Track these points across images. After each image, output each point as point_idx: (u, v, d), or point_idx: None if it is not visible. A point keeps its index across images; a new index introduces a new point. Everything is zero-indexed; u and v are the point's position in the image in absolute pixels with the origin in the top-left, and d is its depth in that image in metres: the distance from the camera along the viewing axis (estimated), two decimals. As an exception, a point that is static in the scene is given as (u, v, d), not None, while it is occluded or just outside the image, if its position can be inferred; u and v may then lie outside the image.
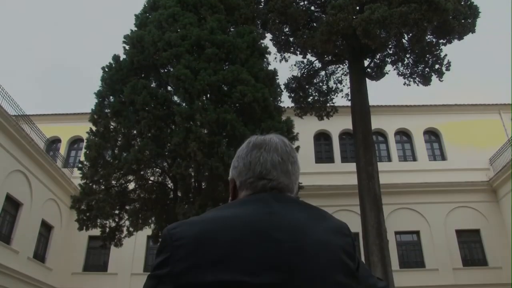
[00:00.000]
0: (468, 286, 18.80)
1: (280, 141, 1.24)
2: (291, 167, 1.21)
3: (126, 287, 19.61)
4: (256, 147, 1.21)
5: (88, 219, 13.04)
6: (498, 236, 19.83)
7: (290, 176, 1.21)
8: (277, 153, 1.20)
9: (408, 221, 20.40)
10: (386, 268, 13.47)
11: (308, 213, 1.14)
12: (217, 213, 1.10)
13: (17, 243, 16.48)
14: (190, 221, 1.11)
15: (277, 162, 1.19)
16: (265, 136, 1.25)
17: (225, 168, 12.17)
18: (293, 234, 1.06)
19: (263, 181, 1.17)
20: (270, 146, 1.21)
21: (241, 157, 1.23)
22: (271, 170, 1.18)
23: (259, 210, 1.09)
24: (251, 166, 1.19)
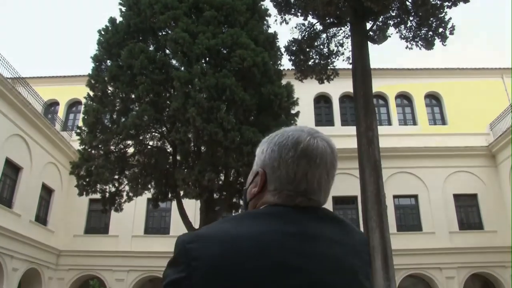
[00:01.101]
0: (463, 249, 19.13)
1: (330, 151, 1.09)
2: (331, 185, 1.11)
3: (127, 248, 19.97)
4: (306, 156, 1.06)
5: (88, 184, 13.08)
6: (494, 201, 20.04)
7: (328, 193, 1.12)
8: (325, 169, 1.07)
9: (407, 185, 20.54)
10: (383, 233, 13.62)
11: (337, 229, 1.07)
12: (240, 229, 0.98)
13: (19, 206, 16.62)
14: (208, 236, 0.98)
15: (324, 181, 1.08)
16: (317, 141, 1.08)
17: (224, 133, 12.13)
18: (316, 261, 0.98)
19: (303, 198, 1.07)
20: (321, 158, 1.07)
21: (285, 160, 1.07)
22: (316, 190, 1.07)
23: (285, 230, 1.00)
24: (295, 180, 1.06)
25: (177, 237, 1.03)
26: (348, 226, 1.10)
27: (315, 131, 1.12)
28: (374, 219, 13.94)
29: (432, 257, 19.07)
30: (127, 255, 19.72)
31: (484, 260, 18.94)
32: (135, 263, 19.66)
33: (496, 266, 19.03)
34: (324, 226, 1.05)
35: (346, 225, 1.10)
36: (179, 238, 1.01)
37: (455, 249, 19.22)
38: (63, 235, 19.80)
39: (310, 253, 0.98)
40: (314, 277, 0.96)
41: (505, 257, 18.97)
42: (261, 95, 12.97)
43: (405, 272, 18.81)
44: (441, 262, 19.04)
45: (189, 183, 13.05)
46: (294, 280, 0.94)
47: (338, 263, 1.01)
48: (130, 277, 19.68)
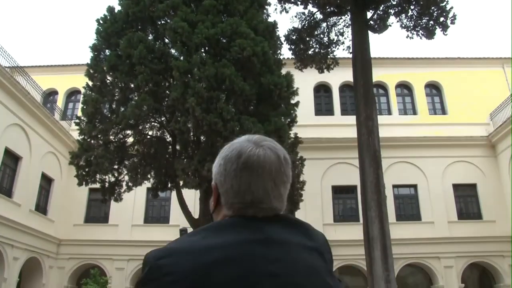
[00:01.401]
0: (462, 239, 19.22)
1: (275, 158, 1.08)
2: (283, 190, 1.11)
3: (127, 238, 20.04)
4: (248, 168, 1.06)
5: (87, 174, 13.08)
6: (493, 191, 20.09)
7: (283, 198, 1.12)
8: (270, 177, 1.07)
9: (406, 175, 20.58)
10: (383, 223, 13.65)
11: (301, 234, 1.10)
12: (208, 241, 0.99)
13: (19, 196, 16.64)
14: (179, 250, 0.99)
15: (270, 189, 1.07)
16: (259, 151, 1.08)
17: (224, 123, 12.10)
18: (286, 265, 1.00)
19: (254, 209, 1.07)
20: (263, 168, 1.06)
21: (229, 173, 1.08)
22: (263, 198, 1.07)
23: (252, 238, 1.01)
24: (239, 192, 1.07)
25: (144, 255, 1.04)
26: (309, 229, 1.14)
27: (262, 139, 1.12)
28: (373, 209, 13.96)
29: (431, 247, 19.16)
30: (127, 244, 19.79)
31: (482, 249, 19.05)
32: (135, 252, 19.69)
33: (494, 255, 19.14)
34: (288, 231, 1.07)
35: (308, 228, 1.13)
36: (147, 255, 1.02)
37: (454, 238, 19.31)
38: (63, 225, 19.85)
39: (278, 258, 1.00)
40: (283, 281, 0.98)
41: (503, 246, 19.07)
42: (260, 85, 12.91)
43: (404, 261, 18.91)
44: (440, 251, 19.13)
45: (189, 173, 13.06)
46: (265, 285, 0.96)
47: (305, 266, 1.03)
48: (130, 266, 19.78)
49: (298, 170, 15.00)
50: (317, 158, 19.57)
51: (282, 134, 13.38)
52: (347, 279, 21.41)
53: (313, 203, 19.42)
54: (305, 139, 16.68)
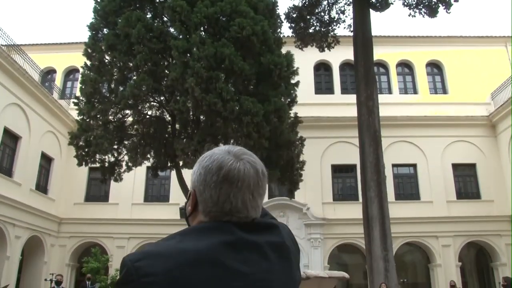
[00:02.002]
0: (460, 218, 19.36)
1: (254, 173, 1.14)
2: (259, 201, 1.17)
3: (127, 216, 20.17)
4: (228, 181, 1.11)
5: (87, 154, 13.07)
6: (493, 170, 20.14)
7: (259, 208, 1.18)
8: (249, 190, 1.13)
9: (406, 154, 20.59)
10: (382, 203, 13.76)
11: (272, 234, 1.17)
12: (184, 244, 1.05)
13: (19, 175, 16.66)
14: (155, 253, 1.04)
15: (248, 201, 1.13)
16: (239, 165, 1.13)
17: (224, 104, 12.02)
18: (255, 265, 1.07)
19: (230, 216, 1.13)
20: (243, 181, 1.12)
21: (209, 184, 1.12)
22: (241, 208, 1.13)
23: (225, 240, 1.07)
24: (218, 202, 1.12)
25: (122, 258, 1.08)
26: (278, 228, 1.20)
27: (242, 152, 1.17)
28: (373, 189, 14.05)
29: (429, 226, 19.32)
30: (127, 222, 19.95)
31: (480, 228, 19.22)
32: (135, 230, 19.90)
33: (491, 234, 19.32)
34: (259, 233, 1.13)
35: (277, 227, 1.20)
36: (124, 259, 1.06)
37: (452, 218, 19.45)
38: (63, 203, 19.96)
39: (247, 259, 1.07)
40: (252, 279, 1.06)
41: (500, 226, 19.24)
42: (260, 65, 12.79)
43: (402, 240, 19.09)
44: (438, 230, 19.30)
45: (188, 153, 13.05)
46: (236, 285, 1.03)
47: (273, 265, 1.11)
48: (130, 244, 19.95)
49: (298, 150, 14.99)
50: (317, 137, 19.55)
51: (282, 114, 13.33)
52: (346, 257, 21.68)
53: (313, 182, 19.49)
54: (305, 118, 16.63)
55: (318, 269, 19.15)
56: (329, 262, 19.74)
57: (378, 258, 13.12)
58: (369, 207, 13.93)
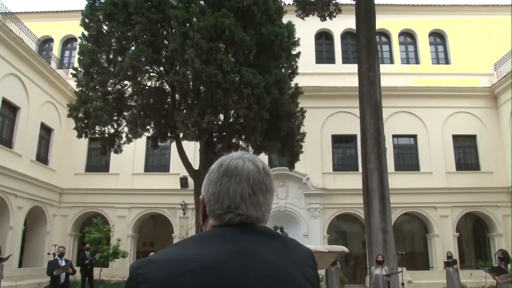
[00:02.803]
0: (459, 189, 19.48)
1: (253, 168, 1.16)
2: (262, 198, 1.16)
3: (128, 186, 20.29)
4: (227, 175, 1.14)
5: (87, 126, 13.00)
6: (493, 142, 20.14)
7: (261, 208, 1.16)
8: (248, 184, 1.13)
9: (406, 125, 20.54)
10: (382, 175, 13.79)
11: (276, 245, 1.14)
12: (184, 252, 1.06)
13: (19, 146, 16.65)
14: (156, 260, 1.07)
15: (247, 195, 1.13)
16: (238, 161, 1.15)
17: (224, 75, 11.88)
18: (255, 276, 1.05)
19: (230, 215, 1.14)
20: (241, 175, 1.13)
21: (211, 182, 1.16)
22: (240, 204, 1.13)
23: (226, 249, 1.07)
24: (219, 198, 1.14)
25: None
26: (287, 243, 1.17)
27: (246, 155, 1.19)
28: (373, 162, 14.06)
29: (428, 197, 19.46)
30: (128, 192, 20.08)
31: (478, 200, 19.37)
32: (136, 200, 20.06)
33: (489, 205, 19.50)
34: (263, 243, 1.11)
35: (286, 242, 1.17)
36: (131, 265, 1.10)
37: (451, 189, 19.57)
38: (64, 174, 20.03)
39: (250, 270, 1.05)
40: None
41: (498, 197, 19.39)
42: (261, 35, 12.58)
43: (401, 210, 19.27)
44: (437, 201, 19.46)
45: (189, 125, 12.98)
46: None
47: (276, 277, 1.07)
48: (131, 214, 20.17)
49: (298, 122, 14.93)
50: (317, 107, 19.46)
51: (282, 85, 13.21)
52: (345, 226, 21.94)
53: (313, 152, 19.52)
54: (305, 87, 16.51)
55: (318, 238, 19.43)
56: (328, 231, 20.00)
57: (377, 229, 13.25)
58: (369, 179, 13.97)
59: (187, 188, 18.42)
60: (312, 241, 19.34)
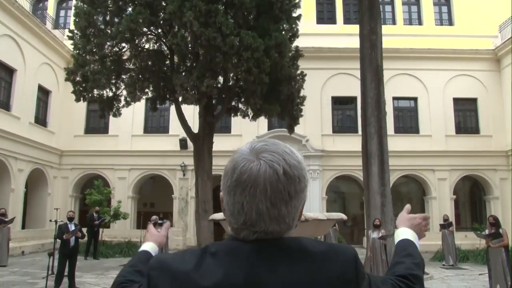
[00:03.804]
0: (458, 152, 19.54)
1: (271, 173, 0.96)
2: (284, 210, 0.97)
3: (127, 148, 20.34)
4: (240, 185, 0.97)
5: (85, 90, 12.88)
6: (494, 106, 20.03)
7: (284, 220, 0.99)
8: (265, 196, 0.95)
9: (407, 87, 20.37)
10: (382, 139, 13.75)
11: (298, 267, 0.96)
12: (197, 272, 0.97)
13: (17, 109, 16.54)
14: (169, 267, 1.00)
15: (265, 210, 0.96)
16: (253, 165, 0.97)
17: (223, 38, 11.67)
18: None
19: (246, 231, 0.99)
20: (256, 185, 0.95)
21: (225, 189, 1.01)
22: (256, 220, 0.97)
23: (237, 273, 0.95)
24: (234, 211, 0.99)
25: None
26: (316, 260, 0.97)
27: (264, 149, 1.00)
28: (373, 125, 13.98)
29: (426, 159, 19.56)
30: (127, 154, 20.16)
31: (476, 163, 19.46)
32: (136, 161, 20.16)
33: (487, 169, 19.62)
34: (281, 266, 0.96)
35: (314, 259, 0.97)
36: (152, 259, 1.08)
37: (450, 152, 19.64)
38: (63, 136, 20.01)
39: None
40: None
41: (497, 160, 19.49)
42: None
43: (399, 173, 19.40)
44: (435, 164, 19.57)
45: (188, 88, 12.87)
46: None
47: None
48: (131, 175, 20.31)
49: (298, 85, 14.80)
50: (318, 68, 19.23)
51: (282, 49, 13.00)
52: (343, 187, 22.18)
53: (313, 114, 19.46)
54: (306, 48, 16.27)
55: (316, 200, 19.67)
56: (327, 192, 20.23)
57: (375, 193, 13.35)
58: (368, 143, 13.94)
59: (187, 150, 18.47)
60: (311, 203, 19.58)
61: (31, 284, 9.84)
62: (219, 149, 14.87)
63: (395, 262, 1.22)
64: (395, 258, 1.25)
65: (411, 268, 1.18)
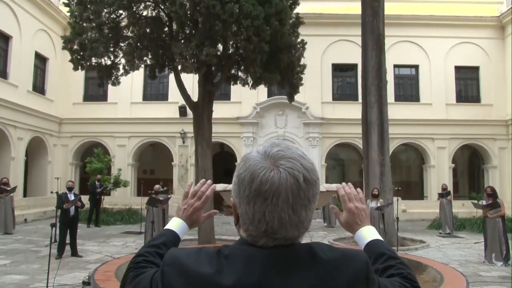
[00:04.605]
0: (458, 121, 19.55)
1: (292, 181, 0.96)
2: (304, 214, 0.99)
3: (126, 115, 20.29)
4: (261, 195, 0.96)
5: (83, 58, 12.67)
6: (496, 74, 19.86)
7: (303, 224, 1.01)
8: (287, 205, 0.96)
9: (408, 55, 20.15)
10: (382, 108, 13.73)
11: (310, 275, 0.97)
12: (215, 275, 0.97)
13: (14, 77, 16.38)
14: (183, 265, 1.00)
15: (287, 218, 0.97)
16: (273, 174, 0.96)
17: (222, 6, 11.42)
18: None
19: (266, 238, 1.00)
20: (278, 196, 0.95)
21: (243, 198, 1.00)
22: (278, 228, 0.98)
23: (250, 278, 0.96)
24: (254, 220, 0.99)
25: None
26: (328, 269, 0.99)
27: (281, 155, 0.99)
28: (373, 94, 13.93)
29: (426, 128, 19.57)
30: (126, 121, 20.15)
31: (476, 132, 19.49)
32: (135, 129, 20.16)
33: (486, 138, 19.66)
34: (294, 274, 0.97)
35: (326, 267, 0.99)
36: (168, 252, 1.06)
37: (450, 121, 19.62)
38: (62, 104, 19.92)
39: None
40: None
41: (496, 130, 19.51)
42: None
43: (399, 141, 19.45)
44: (435, 132, 19.59)
45: (187, 57, 12.69)
46: None
47: None
48: (131, 143, 20.36)
49: (298, 54, 14.58)
50: (318, 34, 18.94)
51: (283, 16, 12.73)
52: (342, 154, 22.26)
53: (313, 82, 19.32)
54: (306, 14, 15.97)
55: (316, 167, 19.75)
56: (326, 159, 20.32)
57: (374, 162, 13.42)
58: (368, 112, 13.92)
59: (186, 117, 18.43)
60: (310, 171, 19.72)
61: (35, 252, 10.00)
62: (219, 116, 14.85)
63: (385, 267, 1.21)
64: (379, 262, 1.22)
65: (404, 268, 1.20)
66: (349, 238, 12.97)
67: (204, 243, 10.75)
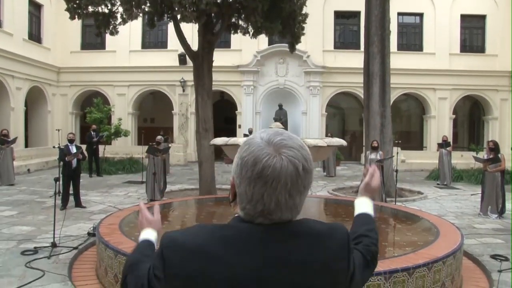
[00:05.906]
0: (460, 72, 19.31)
1: (292, 169, 1.03)
2: (298, 199, 1.07)
3: (125, 64, 20.05)
4: (262, 179, 1.02)
5: (79, 7, 12.33)
6: (502, 24, 19.34)
7: (297, 208, 1.09)
8: (285, 189, 1.03)
9: (413, 2, 19.59)
10: (384, 59, 13.52)
11: (304, 248, 1.07)
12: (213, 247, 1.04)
13: (9, 25, 15.97)
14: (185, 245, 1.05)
15: (283, 201, 1.05)
16: (276, 161, 1.03)
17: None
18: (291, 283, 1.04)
19: (262, 218, 1.07)
20: (278, 180, 1.02)
21: (244, 178, 1.06)
22: (274, 210, 1.05)
23: (255, 253, 1.04)
24: (252, 200, 1.05)
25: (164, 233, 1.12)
26: (319, 241, 1.10)
27: (283, 144, 1.06)
28: (376, 45, 13.67)
29: (428, 78, 19.37)
30: (126, 70, 19.94)
31: (478, 83, 19.29)
32: (135, 77, 19.98)
33: (489, 89, 19.50)
34: (291, 245, 1.06)
35: (317, 238, 1.10)
36: (163, 236, 1.10)
37: (453, 71, 19.38)
38: (60, 52, 19.58)
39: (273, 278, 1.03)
40: None
41: (500, 81, 19.30)
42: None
43: (400, 91, 19.33)
44: (437, 83, 19.40)
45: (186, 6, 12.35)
46: None
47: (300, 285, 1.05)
48: (131, 92, 20.24)
49: (300, 2, 14.19)
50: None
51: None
52: (343, 102, 22.18)
53: (314, 30, 18.89)
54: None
55: (316, 116, 19.78)
56: (327, 108, 20.28)
57: (375, 113, 13.38)
58: (370, 63, 13.72)
59: (186, 65, 18.21)
60: (311, 119, 19.74)
61: (39, 203, 10.17)
62: (219, 64, 14.69)
63: (360, 234, 1.41)
64: (361, 228, 1.44)
65: (374, 244, 1.39)
66: (348, 188, 13.22)
67: (205, 193, 10.92)
